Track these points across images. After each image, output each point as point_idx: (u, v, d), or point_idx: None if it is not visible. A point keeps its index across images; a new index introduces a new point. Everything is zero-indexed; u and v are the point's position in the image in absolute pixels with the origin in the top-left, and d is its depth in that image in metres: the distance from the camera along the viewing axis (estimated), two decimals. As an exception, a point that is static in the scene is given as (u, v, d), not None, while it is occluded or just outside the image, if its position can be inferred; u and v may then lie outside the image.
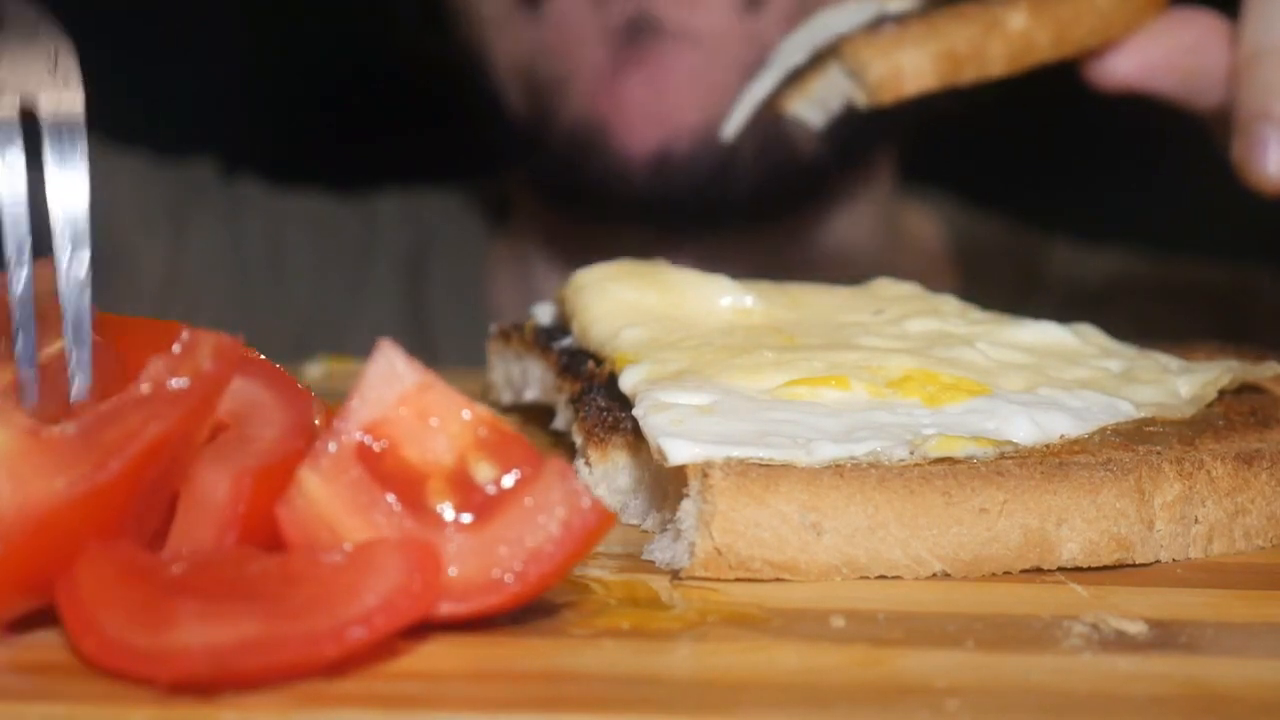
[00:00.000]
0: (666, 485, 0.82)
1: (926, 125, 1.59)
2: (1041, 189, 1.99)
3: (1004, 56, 1.10)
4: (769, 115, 1.16)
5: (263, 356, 0.77)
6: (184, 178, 1.81)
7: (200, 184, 1.83)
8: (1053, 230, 1.85)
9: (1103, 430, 0.84)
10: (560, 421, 0.96)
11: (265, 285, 1.78)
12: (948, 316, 0.99)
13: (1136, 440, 0.83)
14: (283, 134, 2.11)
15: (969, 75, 1.09)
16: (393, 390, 0.69)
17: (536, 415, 1.01)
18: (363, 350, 0.80)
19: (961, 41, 1.08)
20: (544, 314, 1.05)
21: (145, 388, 0.68)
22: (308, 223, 1.83)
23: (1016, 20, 1.09)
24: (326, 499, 0.67)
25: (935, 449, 0.79)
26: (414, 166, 1.92)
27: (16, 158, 0.74)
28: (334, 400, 0.75)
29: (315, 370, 1.20)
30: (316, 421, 0.75)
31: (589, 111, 1.55)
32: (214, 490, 0.68)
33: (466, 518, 0.68)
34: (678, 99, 1.53)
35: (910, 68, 1.07)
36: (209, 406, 0.70)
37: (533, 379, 1.02)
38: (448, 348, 1.68)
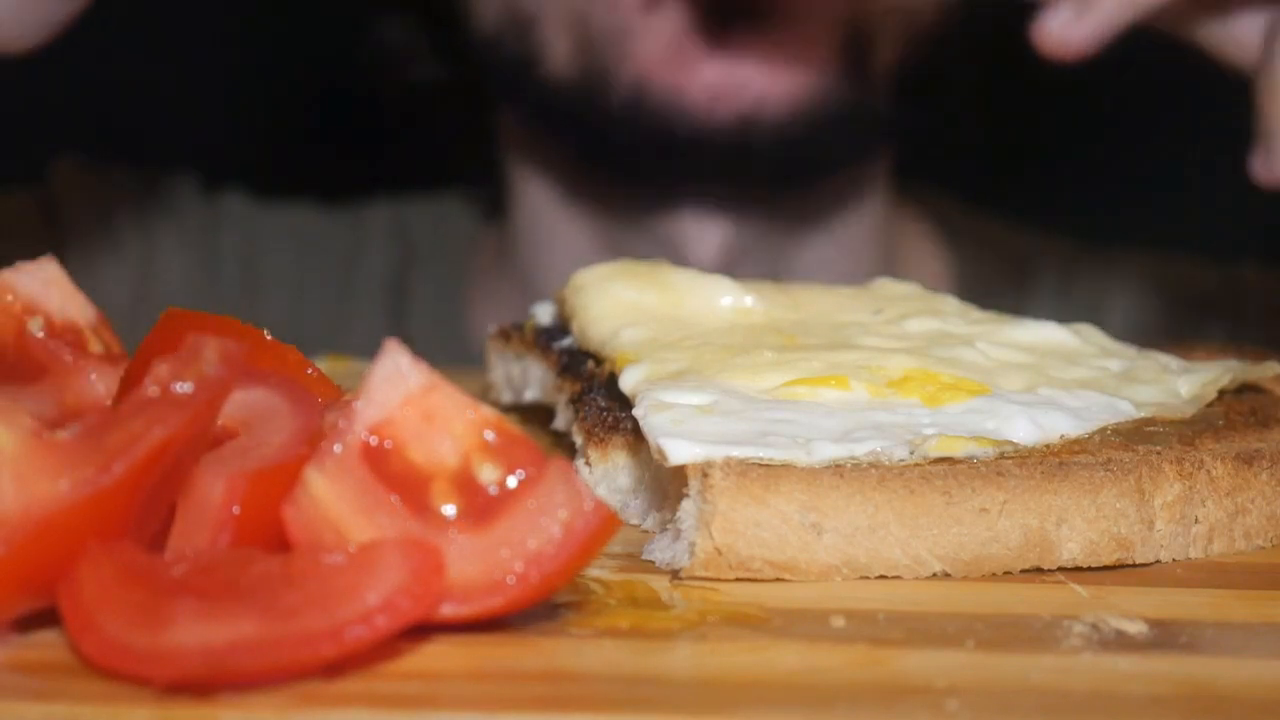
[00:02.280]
0: (666, 485, 0.82)
1: (925, 126, 1.57)
2: (1036, 190, 1.99)
3: None
4: None
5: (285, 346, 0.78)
6: (155, 196, 1.78)
7: (172, 202, 1.79)
8: (1049, 231, 1.85)
9: (1103, 430, 0.84)
10: (560, 421, 0.96)
11: (242, 300, 1.75)
12: (948, 316, 0.99)
13: (1136, 440, 0.84)
14: (268, 146, 2.10)
15: None
16: (398, 391, 0.69)
17: (536, 415, 1.01)
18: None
19: None
20: (544, 314, 1.05)
21: (150, 391, 0.68)
22: (290, 236, 1.80)
23: None
24: (332, 499, 0.67)
25: (935, 449, 0.79)
26: (398, 177, 1.91)
27: None
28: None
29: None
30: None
31: (656, 77, 1.44)
32: (209, 493, 0.68)
33: (470, 519, 0.68)
34: (762, 78, 1.43)
35: None
36: (213, 411, 0.70)
37: (533, 379, 1.02)
38: (430, 361, 1.65)
